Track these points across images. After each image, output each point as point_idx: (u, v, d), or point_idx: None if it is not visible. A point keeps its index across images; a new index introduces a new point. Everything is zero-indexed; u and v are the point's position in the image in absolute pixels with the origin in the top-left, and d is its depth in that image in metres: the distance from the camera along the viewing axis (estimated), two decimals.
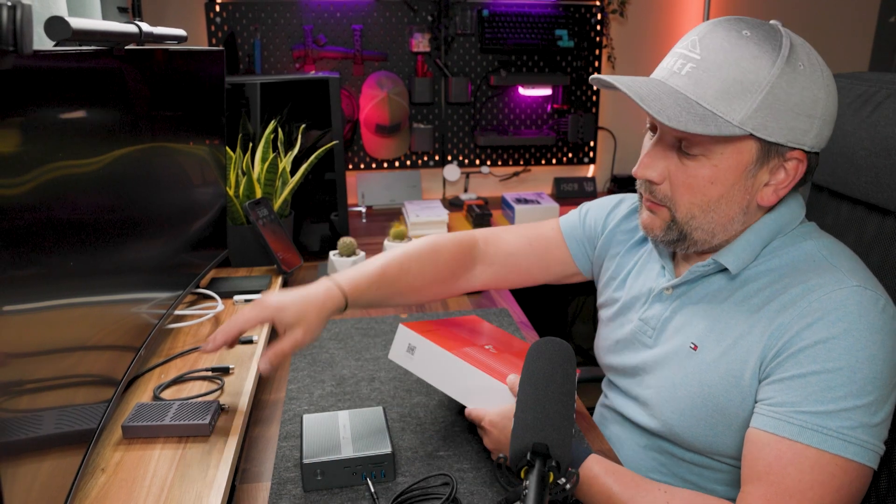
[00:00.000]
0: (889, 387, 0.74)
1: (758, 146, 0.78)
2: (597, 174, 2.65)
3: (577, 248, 1.10)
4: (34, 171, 0.65)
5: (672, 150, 0.81)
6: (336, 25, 2.30)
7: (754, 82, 0.75)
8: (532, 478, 0.60)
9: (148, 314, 0.99)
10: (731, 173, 0.79)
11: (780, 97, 0.75)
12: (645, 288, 0.96)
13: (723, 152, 0.78)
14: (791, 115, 0.76)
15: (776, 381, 0.76)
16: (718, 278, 0.87)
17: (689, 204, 0.82)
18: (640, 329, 0.94)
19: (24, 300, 0.63)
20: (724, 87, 0.75)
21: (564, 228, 1.11)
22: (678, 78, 0.78)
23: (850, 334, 0.73)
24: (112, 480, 0.80)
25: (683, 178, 0.81)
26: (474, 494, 0.85)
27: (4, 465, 0.55)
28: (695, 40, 0.79)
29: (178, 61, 1.13)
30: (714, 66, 0.76)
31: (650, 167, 0.83)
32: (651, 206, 0.86)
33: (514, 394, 0.87)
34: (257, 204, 1.42)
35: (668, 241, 0.87)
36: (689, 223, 0.83)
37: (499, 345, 1.03)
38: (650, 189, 0.84)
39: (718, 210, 0.81)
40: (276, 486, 0.87)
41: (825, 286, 0.77)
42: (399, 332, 0.98)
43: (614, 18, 2.47)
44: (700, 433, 0.84)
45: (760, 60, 0.75)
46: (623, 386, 0.98)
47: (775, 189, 0.81)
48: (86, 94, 0.80)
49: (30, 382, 0.64)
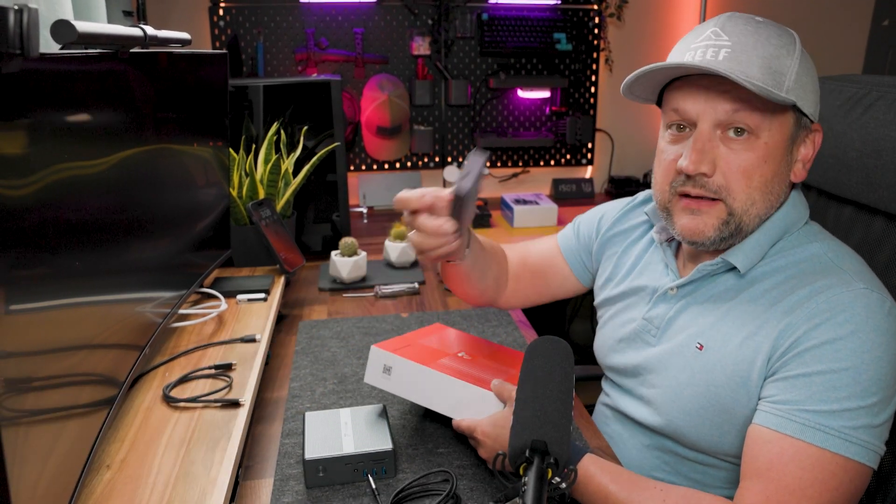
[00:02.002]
0: (892, 388, 0.74)
1: (793, 119, 0.80)
2: (595, 175, 2.66)
3: (575, 261, 1.12)
4: (40, 173, 0.65)
5: (715, 139, 0.80)
6: (338, 29, 2.31)
7: (787, 57, 0.78)
8: (531, 474, 0.60)
9: (152, 313, 1.00)
10: (779, 149, 0.80)
11: (805, 71, 0.80)
12: (648, 287, 0.95)
13: (770, 128, 0.79)
14: (812, 89, 0.81)
15: (780, 380, 0.76)
16: (726, 278, 0.86)
17: (747, 188, 0.80)
18: (644, 328, 0.93)
19: (32, 299, 0.63)
20: (765, 64, 0.77)
21: (562, 244, 1.14)
22: (719, 64, 0.77)
23: (857, 336, 0.73)
24: (117, 477, 0.80)
25: (737, 162, 0.79)
26: (474, 490, 0.86)
27: (11, 462, 0.55)
28: (716, 30, 0.80)
29: (182, 64, 1.14)
30: (749, 47, 0.78)
31: (702, 160, 0.79)
32: (700, 205, 0.82)
33: (500, 398, 0.88)
34: (260, 205, 1.43)
35: (719, 241, 0.83)
36: (748, 211, 0.81)
37: (470, 350, 1.03)
38: (702, 183, 0.80)
39: (774, 191, 0.81)
40: (279, 483, 0.88)
41: (832, 288, 0.77)
42: (372, 354, 0.95)
43: (612, 22, 2.48)
44: (706, 433, 0.84)
45: (783, 38, 0.79)
46: (626, 385, 0.97)
47: (804, 164, 0.83)
48: (91, 96, 0.80)
49: (37, 380, 0.64)
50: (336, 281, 1.56)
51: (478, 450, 0.89)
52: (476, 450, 0.89)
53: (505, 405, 0.87)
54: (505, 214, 2.28)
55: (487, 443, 0.86)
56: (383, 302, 1.49)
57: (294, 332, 1.33)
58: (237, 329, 1.20)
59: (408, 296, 1.52)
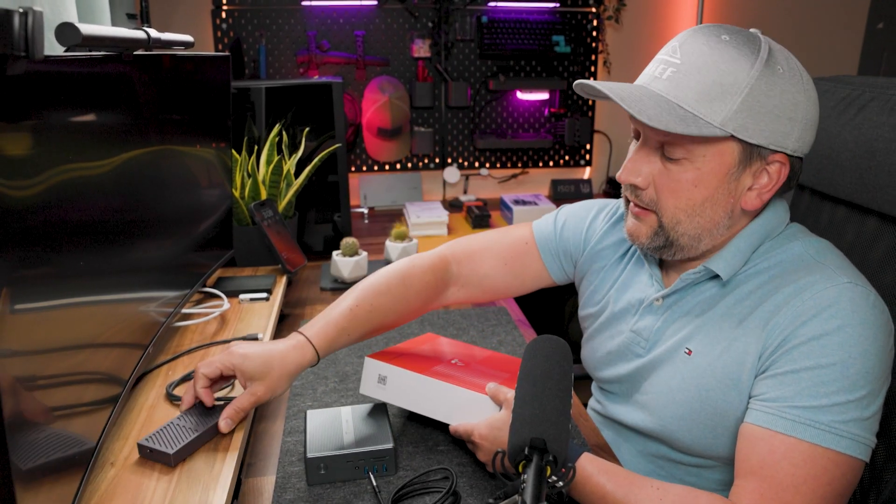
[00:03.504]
0: (880, 381, 0.74)
1: (739, 148, 0.78)
2: (593, 176, 2.67)
3: (551, 259, 1.08)
4: (45, 173, 0.65)
5: (655, 154, 0.82)
6: (339, 31, 2.32)
7: (734, 84, 0.75)
8: (530, 471, 0.60)
9: (156, 312, 1.01)
10: (713, 176, 0.79)
11: (759, 99, 0.75)
12: (634, 299, 0.95)
13: (704, 154, 0.78)
14: (771, 118, 0.76)
15: (770, 377, 0.77)
16: (709, 285, 0.87)
17: (673, 208, 0.82)
18: (633, 340, 0.93)
19: (37, 299, 0.64)
20: (704, 90, 0.76)
21: (539, 239, 1.08)
22: (659, 82, 0.79)
23: (844, 330, 0.74)
24: (121, 474, 0.81)
25: (667, 181, 0.81)
26: (473, 488, 0.87)
27: (16, 459, 0.56)
28: (675, 46, 0.80)
29: (186, 66, 1.14)
30: (694, 70, 0.77)
31: (634, 172, 0.83)
32: (638, 213, 0.86)
33: (495, 401, 0.87)
34: (262, 205, 1.44)
35: (654, 248, 0.86)
36: (675, 228, 0.83)
37: (463, 357, 1.04)
38: (636, 193, 0.84)
39: (703, 214, 0.81)
40: (281, 480, 0.89)
41: (817, 284, 0.77)
42: (367, 365, 0.96)
43: (610, 25, 2.49)
44: (699, 436, 0.84)
45: (739, 63, 0.75)
46: (618, 392, 0.98)
47: (759, 193, 0.81)
48: (95, 98, 0.81)
49: (43, 378, 0.64)
50: (337, 280, 1.57)
51: (476, 453, 0.88)
52: (474, 453, 0.89)
53: (500, 408, 0.87)
54: (504, 215, 2.29)
55: (485, 445, 0.86)
56: None
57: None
58: (240, 328, 1.21)
59: None
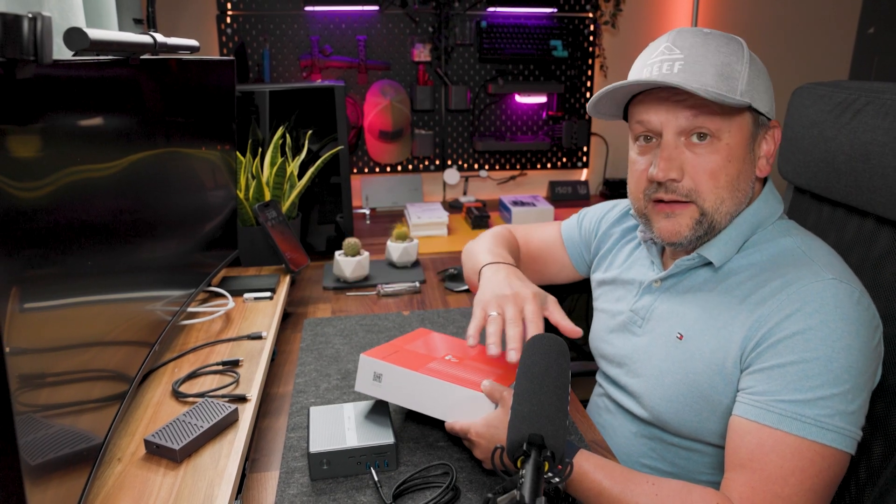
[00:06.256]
0: (864, 375, 0.76)
1: (751, 119, 0.85)
2: (590, 178, 2.69)
3: (574, 251, 1.20)
4: (54, 175, 0.66)
5: (680, 146, 0.85)
6: (341, 36, 2.35)
7: (736, 62, 0.83)
8: (528, 467, 0.61)
9: (162, 311, 1.02)
10: (740, 148, 0.84)
11: (757, 73, 0.85)
12: (636, 281, 1.01)
13: (730, 129, 0.83)
14: (764, 89, 0.86)
15: (757, 371, 0.79)
16: (703, 271, 0.91)
17: (715, 188, 0.84)
18: (631, 319, 0.98)
19: (46, 298, 0.64)
20: (718, 71, 0.82)
21: (565, 233, 1.22)
22: (675, 76, 0.82)
23: (827, 325, 0.75)
24: (128, 469, 0.82)
25: (703, 165, 0.84)
26: (472, 483, 0.88)
27: (26, 455, 0.56)
28: (669, 46, 0.85)
29: (191, 70, 1.16)
30: (700, 57, 0.82)
31: (670, 167, 0.84)
32: (674, 208, 0.87)
33: (491, 399, 0.88)
34: (266, 206, 1.45)
35: (696, 240, 0.87)
36: (718, 209, 0.85)
37: (457, 353, 1.04)
38: (672, 188, 0.85)
39: (741, 188, 0.86)
40: (284, 475, 0.90)
41: (803, 279, 0.79)
42: (362, 362, 0.95)
43: (606, 30, 2.51)
44: (686, 419, 0.87)
45: (731, 45, 0.84)
46: (614, 376, 1.02)
47: (766, 159, 0.88)
48: (103, 101, 0.81)
49: (51, 375, 0.65)
50: (340, 280, 1.59)
51: (473, 451, 0.89)
52: (471, 451, 0.90)
53: (496, 406, 0.87)
54: (503, 215, 2.31)
55: (482, 443, 0.86)
56: (385, 300, 1.51)
57: (299, 330, 1.35)
58: (244, 326, 1.22)
59: (409, 294, 1.54)
